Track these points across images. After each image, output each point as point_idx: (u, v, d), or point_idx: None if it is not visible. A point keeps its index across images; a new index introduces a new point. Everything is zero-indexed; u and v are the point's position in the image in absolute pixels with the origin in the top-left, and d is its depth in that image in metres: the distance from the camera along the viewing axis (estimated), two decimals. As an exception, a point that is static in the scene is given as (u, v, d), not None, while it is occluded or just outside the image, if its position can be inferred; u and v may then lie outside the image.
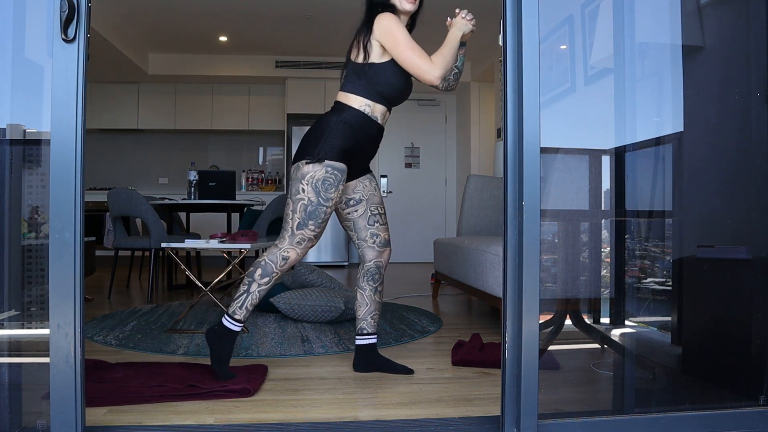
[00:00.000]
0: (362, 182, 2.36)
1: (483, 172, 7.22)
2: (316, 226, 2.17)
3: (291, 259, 2.20)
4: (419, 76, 2.13)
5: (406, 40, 2.11)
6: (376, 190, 2.39)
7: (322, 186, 2.14)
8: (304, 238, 2.18)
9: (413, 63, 2.11)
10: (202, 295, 3.26)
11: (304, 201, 2.15)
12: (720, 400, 1.95)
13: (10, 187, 1.73)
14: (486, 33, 6.54)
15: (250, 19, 6.01)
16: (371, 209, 2.36)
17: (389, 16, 2.13)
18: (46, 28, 1.51)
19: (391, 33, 2.11)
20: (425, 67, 2.10)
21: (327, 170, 2.14)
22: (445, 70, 2.12)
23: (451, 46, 2.16)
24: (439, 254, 4.31)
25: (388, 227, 2.42)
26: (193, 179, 4.88)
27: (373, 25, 2.14)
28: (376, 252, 2.38)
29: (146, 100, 7.66)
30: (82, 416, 1.51)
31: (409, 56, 2.11)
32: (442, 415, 1.85)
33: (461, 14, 2.21)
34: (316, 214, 2.15)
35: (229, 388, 2.02)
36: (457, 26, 2.20)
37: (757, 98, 1.91)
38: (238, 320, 2.18)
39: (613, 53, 2.14)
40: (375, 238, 2.37)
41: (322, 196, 2.14)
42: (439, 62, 2.11)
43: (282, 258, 2.18)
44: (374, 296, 2.39)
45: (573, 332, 2.29)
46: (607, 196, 2.18)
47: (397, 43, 2.11)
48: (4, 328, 1.80)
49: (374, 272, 2.38)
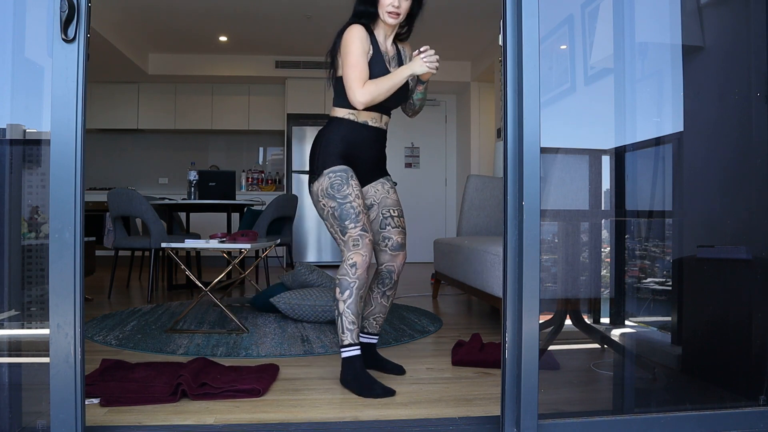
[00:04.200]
0: (374, 187, 2.36)
1: (483, 172, 7.22)
2: (353, 222, 2.15)
3: (359, 263, 2.13)
4: (347, 94, 2.17)
5: (353, 56, 2.15)
6: (389, 193, 2.37)
7: (333, 189, 2.18)
8: (355, 238, 2.14)
9: (347, 80, 2.16)
10: (202, 295, 3.26)
11: (329, 210, 2.19)
12: (720, 400, 1.95)
13: (10, 187, 1.73)
14: (486, 33, 6.59)
15: (250, 19, 6.01)
16: (383, 212, 2.34)
17: (351, 29, 2.18)
18: (46, 28, 1.51)
19: (346, 46, 2.17)
20: (353, 88, 2.15)
21: (330, 177, 2.19)
22: (372, 98, 2.15)
23: (393, 81, 2.16)
24: (439, 254, 4.31)
25: (403, 231, 2.36)
26: (193, 179, 4.88)
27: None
28: (388, 256, 2.34)
29: (146, 100, 7.66)
30: (82, 416, 1.51)
31: (348, 73, 2.16)
32: (442, 415, 1.85)
33: (422, 54, 2.14)
34: (345, 212, 2.16)
35: (238, 388, 2.02)
36: (411, 65, 2.15)
37: (757, 98, 1.91)
38: (349, 345, 2.13)
39: (613, 53, 2.14)
40: (387, 241, 2.34)
41: (338, 197, 2.17)
42: (370, 90, 2.14)
43: (350, 266, 2.13)
44: (381, 299, 2.36)
45: (573, 332, 2.28)
46: (607, 196, 2.18)
47: (345, 57, 2.17)
48: (4, 328, 1.80)
49: (385, 276, 2.35)
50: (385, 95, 2.17)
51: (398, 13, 2.19)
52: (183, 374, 2.05)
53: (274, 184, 7.92)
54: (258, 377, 2.15)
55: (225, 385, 2.04)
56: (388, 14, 2.19)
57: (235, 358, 2.56)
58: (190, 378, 2.03)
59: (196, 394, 1.98)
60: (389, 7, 2.18)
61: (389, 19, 2.20)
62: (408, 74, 2.16)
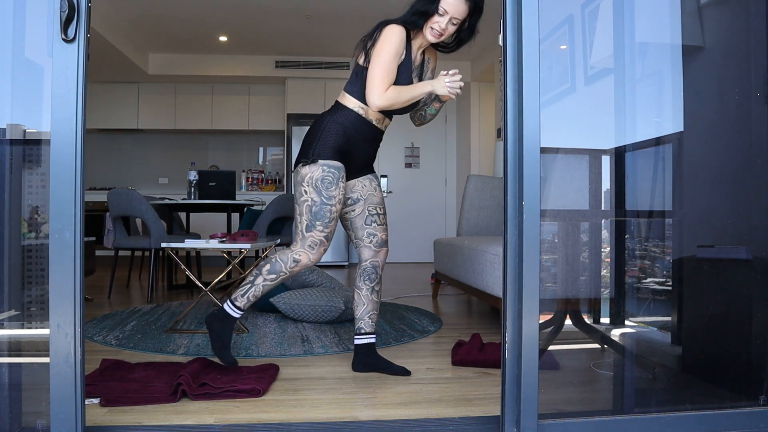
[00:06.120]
0: (362, 182, 2.37)
1: (483, 172, 7.22)
2: (324, 226, 2.19)
3: (302, 263, 2.22)
4: (366, 92, 2.16)
5: (386, 57, 2.14)
6: (376, 190, 2.40)
7: (322, 185, 2.17)
8: (315, 241, 2.20)
9: (372, 78, 2.14)
10: (202, 295, 3.26)
11: (308, 202, 2.18)
12: (720, 400, 1.95)
13: (10, 187, 1.73)
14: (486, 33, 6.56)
15: (250, 19, 6.01)
16: (369, 209, 2.37)
17: (393, 29, 2.16)
18: (46, 28, 1.51)
19: (382, 43, 2.15)
20: (375, 90, 2.14)
21: (323, 169, 2.18)
22: (389, 104, 2.15)
23: (413, 93, 2.17)
24: (439, 254, 4.31)
25: (386, 228, 2.42)
26: (193, 179, 4.88)
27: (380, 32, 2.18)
28: (372, 252, 2.38)
29: (146, 100, 7.66)
30: (82, 416, 1.51)
31: (375, 70, 2.14)
32: (442, 415, 1.85)
33: (447, 76, 2.15)
34: (322, 213, 2.18)
35: (238, 388, 2.02)
36: (434, 84, 2.16)
37: (757, 98, 1.91)
38: (238, 307, 2.26)
39: (613, 53, 2.14)
40: (372, 238, 2.37)
41: (324, 195, 2.17)
42: (391, 96, 2.14)
43: (293, 260, 2.22)
44: (371, 296, 2.39)
45: (573, 332, 2.28)
46: (607, 196, 2.18)
47: (379, 54, 2.15)
48: (4, 328, 1.80)
49: (371, 272, 2.39)
50: (402, 105, 2.18)
51: (441, 34, 2.20)
52: (183, 374, 2.05)
53: (274, 184, 7.92)
54: (258, 377, 2.15)
55: (225, 385, 2.04)
56: (430, 32, 2.19)
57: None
58: (190, 378, 2.03)
59: (196, 394, 1.98)
60: (435, 26, 2.18)
61: (430, 36, 2.20)
62: (429, 91, 2.17)
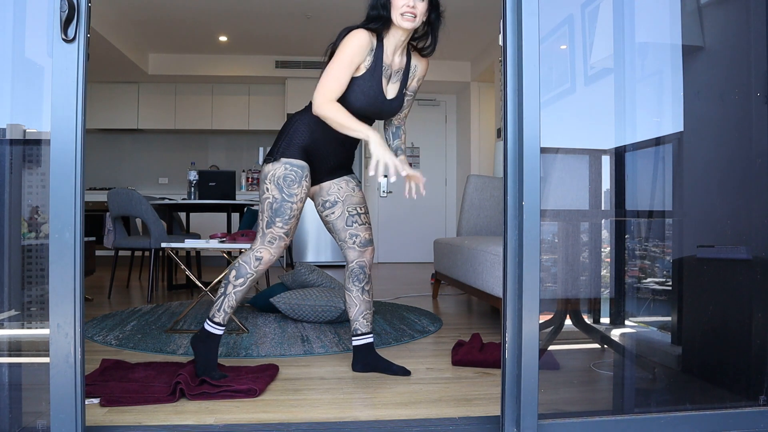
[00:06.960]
0: (337, 184, 2.36)
1: (483, 172, 7.22)
2: (283, 223, 2.18)
3: (264, 260, 2.20)
4: (313, 96, 2.09)
5: (338, 64, 2.05)
6: (354, 191, 2.39)
7: (284, 182, 2.17)
8: (275, 236, 2.19)
9: (320, 84, 2.07)
10: (202, 295, 3.26)
11: (270, 199, 2.18)
12: (720, 400, 1.95)
13: (10, 187, 1.73)
14: (486, 33, 6.58)
15: (250, 19, 6.01)
16: (349, 210, 2.36)
17: (354, 36, 2.06)
18: (46, 28, 1.51)
19: (338, 50, 2.07)
20: (321, 96, 2.06)
21: (286, 167, 2.18)
22: (324, 116, 2.06)
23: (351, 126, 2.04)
24: (439, 254, 4.31)
25: (369, 227, 2.40)
26: (193, 179, 4.88)
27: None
28: (357, 252, 2.37)
29: (146, 100, 7.66)
30: (82, 416, 1.51)
31: (325, 77, 2.07)
32: (442, 415, 1.85)
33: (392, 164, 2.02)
34: (282, 210, 2.17)
35: (235, 388, 2.02)
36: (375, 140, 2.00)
37: (757, 98, 1.91)
38: (217, 323, 2.21)
39: (613, 53, 2.14)
40: (354, 239, 2.36)
41: (285, 192, 2.17)
42: (331, 110, 2.04)
43: (255, 258, 2.20)
44: (362, 296, 2.38)
45: (573, 332, 2.28)
46: (607, 196, 2.18)
47: (333, 61, 2.08)
48: (4, 328, 1.80)
49: (358, 272, 2.37)
50: (335, 127, 2.08)
51: (414, 14, 2.01)
52: (182, 373, 2.05)
53: (274, 184, 7.92)
54: (255, 377, 2.15)
55: (222, 384, 2.04)
56: (402, 17, 2.02)
57: (235, 358, 2.56)
58: (189, 378, 2.03)
59: (193, 394, 1.98)
60: (403, 8, 2.00)
61: (405, 22, 2.02)
62: (364, 137, 2.03)
